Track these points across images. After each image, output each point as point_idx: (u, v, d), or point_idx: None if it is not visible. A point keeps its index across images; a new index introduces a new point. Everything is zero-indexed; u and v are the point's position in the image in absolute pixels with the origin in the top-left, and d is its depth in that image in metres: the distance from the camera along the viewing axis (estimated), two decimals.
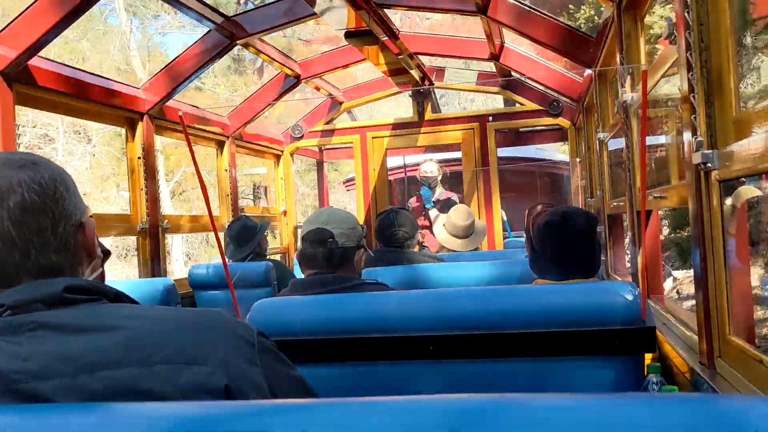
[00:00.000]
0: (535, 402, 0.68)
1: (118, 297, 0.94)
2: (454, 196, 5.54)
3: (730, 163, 1.33)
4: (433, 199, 5.36)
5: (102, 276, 1.03)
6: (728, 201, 1.43)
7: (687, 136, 1.53)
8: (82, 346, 0.84)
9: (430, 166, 5.33)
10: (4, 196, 0.89)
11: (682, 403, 0.66)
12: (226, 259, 2.52)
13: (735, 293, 1.43)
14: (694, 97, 1.47)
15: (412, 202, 5.70)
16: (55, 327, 0.85)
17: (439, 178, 5.37)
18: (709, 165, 1.40)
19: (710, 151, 1.40)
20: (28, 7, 2.94)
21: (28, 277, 0.90)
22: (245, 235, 4.27)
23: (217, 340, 0.89)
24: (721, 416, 0.62)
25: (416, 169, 5.91)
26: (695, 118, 1.46)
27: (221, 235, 4.79)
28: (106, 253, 1.05)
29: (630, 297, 1.58)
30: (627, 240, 3.54)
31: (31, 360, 0.82)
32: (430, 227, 5.04)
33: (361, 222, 5.43)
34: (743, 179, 1.37)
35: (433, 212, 5.14)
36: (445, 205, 5.19)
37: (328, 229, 2.05)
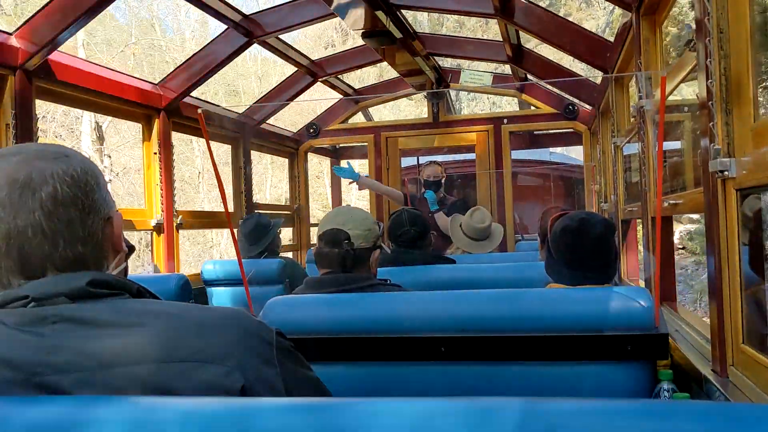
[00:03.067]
0: (546, 406, 0.68)
1: (140, 292, 0.95)
2: (459, 200, 5.44)
3: (748, 172, 1.33)
4: (439, 201, 5.26)
5: (125, 270, 1.04)
6: (744, 209, 1.42)
7: (704, 143, 1.52)
8: (103, 342, 0.85)
9: (433, 168, 5.25)
10: (37, 188, 0.90)
11: (695, 411, 0.66)
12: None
13: (749, 302, 1.43)
14: (712, 104, 1.46)
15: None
16: (78, 321, 0.86)
17: (443, 180, 5.29)
18: (727, 173, 1.39)
19: (728, 159, 1.39)
20: (48, 2, 2.97)
21: (54, 269, 0.91)
22: (259, 233, 4.28)
23: (236, 341, 0.89)
24: (734, 425, 0.62)
25: None
26: (713, 125, 1.46)
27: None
28: (131, 248, 1.06)
29: (643, 303, 1.57)
30: (640, 246, 3.52)
31: (53, 353, 0.83)
32: (436, 230, 4.98)
33: None
34: (762, 188, 1.36)
35: (439, 215, 5.06)
36: (453, 207, 5.12)
37: (344, 230, 2.05)
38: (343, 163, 5.89)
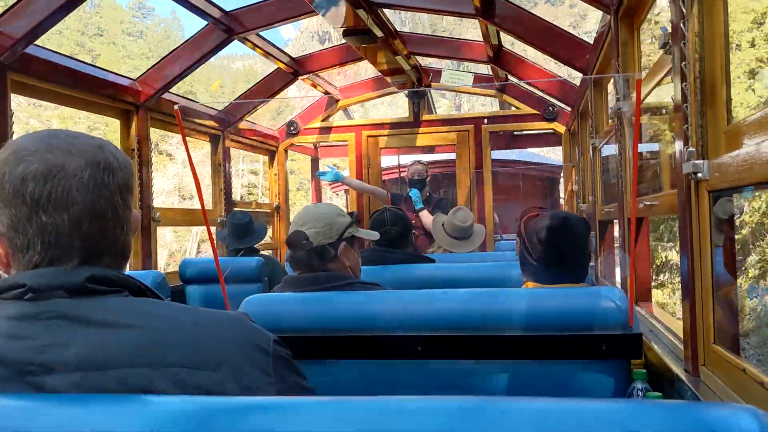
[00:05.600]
0: (520, 405, 0.69)
1: (141, 290, 0.93)
2: (444, 199, 5.46)
3: (721, 174, 1.35)
4: (424, 200, 5.28)
5: None
6: (717, 211, 1.44)
7: (678, 145, 1.54)
8: (98, 342, 0.83)
9: (418, 167, 5.27)
10: (115, 173, 0.92)
11: (665, 410, 0.67)
12: (217, 251, 2.52)
13: (720, 302, 1.45)
14: (686, 107, 1.48)
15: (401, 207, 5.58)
16: (73, 319, 0.84)
17: (428, 179, 5.31)
18: (700, 175, 1.41)
19: (701, 161, 1.41)
20: None
21: (112, 254, 0.92)
22: (248, 229, 4.28)
23: (233, 347, 0.88)
24: (704, 423, 0.63)
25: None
26: (687, 128, 1.48)
27: (213, 229, 4.79)
28: None
29: (618, 303, 1.59)
30: (617, 246, 3.56)
31: (46, 352, 0.82)
32: (421, 229, 5.00)
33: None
34: (733, 190, 1.38)
35: (424, 214, 5.08)
36: (438, 206, 5.15)
37: (303, 230, 2.05)
38: (325, 167, 5.89)
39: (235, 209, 5.12)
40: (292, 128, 6.17)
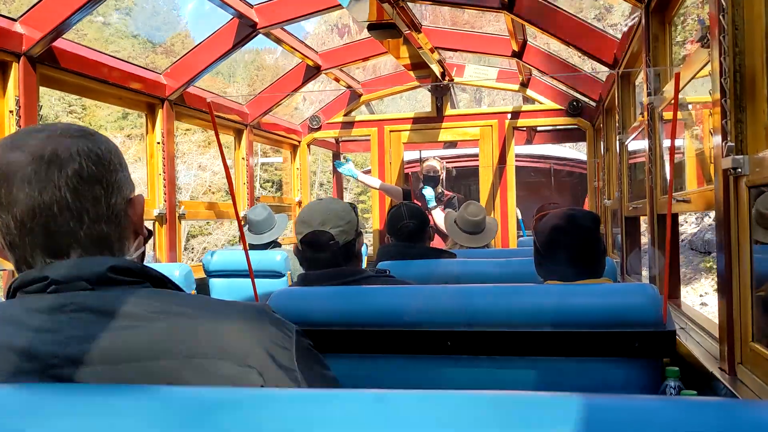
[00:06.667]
0: (560, 400, 0.68)
1: (162, 281, 0.93)
2: (455, 197, 5.40)
3: (761, 169, 1.32)
4: (436, 198, 5.21)
5: (142, 255, 1.03)
6: (757, 206, 1.41)
7: (717, 140, 1.51)
8: (122, 334, 0.83)
9: (434, 163, 5.20)
10: (63, 164, 0.89)
11: (710, 408, 0.65)
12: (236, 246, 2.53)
13: (759, 299, 1.42)
14: (725, 101, 1.45)
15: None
16: (96, 311, 0.84)
17: (442, 176, 5.25)
18: (739, 170, 1.39)
19: (741, 156, 1.39)
20: None
21: (78, 247, 0.90)
22: (270, 222, 4.30)
23: (257, 339, 0.88)
24: (749, 422, 0.61)
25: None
26: (726, 122, 1.45)
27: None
28: (149, 233, 1.05)
29: (651, 300, 1.57)
30: (645, 243, 3.51)
31: (70, 345, 0.82)
32: (433, 227, 4.96)
33: (376, 216, 5.42)
34: None
35: (436, 212, 5.04)
36: (449, 204, 5.10)
37: (326, 230, 1.99)
38: (342, 158, 5.88)
39: (257, 203, 5.14)
40: (314, 123, 6.17)
